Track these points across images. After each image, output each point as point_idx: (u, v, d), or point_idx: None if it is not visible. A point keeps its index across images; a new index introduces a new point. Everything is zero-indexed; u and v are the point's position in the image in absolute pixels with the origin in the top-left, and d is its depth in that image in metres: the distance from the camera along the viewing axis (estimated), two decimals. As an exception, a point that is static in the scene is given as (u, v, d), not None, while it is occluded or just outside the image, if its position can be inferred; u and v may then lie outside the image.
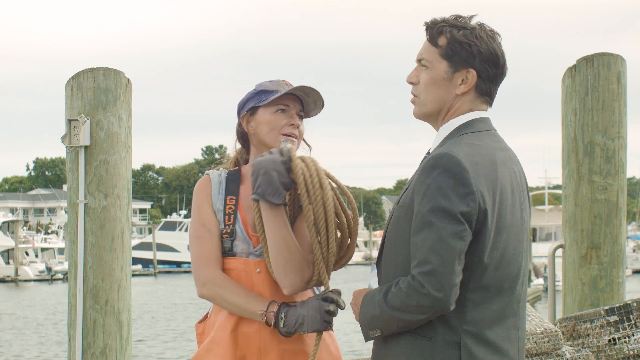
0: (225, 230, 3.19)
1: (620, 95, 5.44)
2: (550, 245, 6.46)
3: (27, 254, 57.17)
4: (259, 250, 3.16)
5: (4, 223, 57.43)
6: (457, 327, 2.59)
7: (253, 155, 3.29)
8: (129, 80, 5.21)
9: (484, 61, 2.70)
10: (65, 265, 50.99)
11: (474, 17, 2.73)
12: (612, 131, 5.41)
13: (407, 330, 2.62)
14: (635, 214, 76.81)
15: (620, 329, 4.47)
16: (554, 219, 53.55)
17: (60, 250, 59.00)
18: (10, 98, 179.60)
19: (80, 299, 5.07)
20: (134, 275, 48.80)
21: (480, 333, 2.60)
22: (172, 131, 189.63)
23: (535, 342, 4.22)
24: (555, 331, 4.27)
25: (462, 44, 2.68)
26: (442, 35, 2.71)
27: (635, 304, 4.48)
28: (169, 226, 67.99)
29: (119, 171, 5.13)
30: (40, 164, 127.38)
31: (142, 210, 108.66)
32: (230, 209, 3.21)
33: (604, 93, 5.41)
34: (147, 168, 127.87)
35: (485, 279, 2.60)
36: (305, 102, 3.25)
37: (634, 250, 59.26)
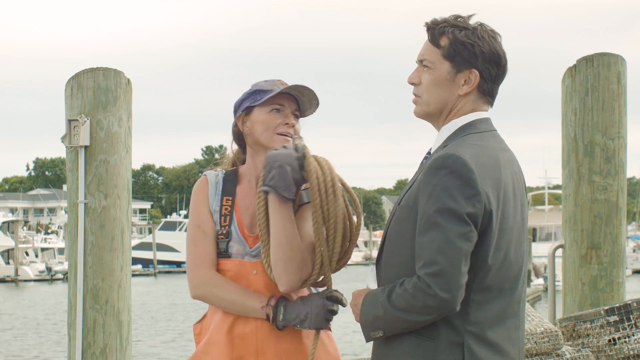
0: (221, 231, 3.18)
1: (620, 95, 5.43)
2: (550, 245, 6.46)
3: (27, 254, 57.14)
4: (255, 250, 3.16)
5: (4, 223, 57.41)
6: (460, 328, 2.59)
7: (250, 155, 3.27)
8: (129, 80, 5.20)
9: (486, 61, 2.69)
10: (65, 265, 50.96)
11: (473, 17, 2.73)
12: (612, 131, 5.40)
13: (410, 331, 2.62)
14: (635, 214, 76.80)
15: (620, 329, 4.47)
16: (554, 219, 53.50)
17: (60, 250, 58.95)
18: (10, 98, 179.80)
19: (80, 299, 5.06)
20: (134, 275, 48.75)
21: (482, 334, 2.60)
22: (172, 131, 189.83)
23: (535, 342, 4.21)
24: (555, 331, 4.27)
25: (465, 45, 2.68)
26: (444, 36, 2.70)
27: (635, 304, 4.48)
28: (169, 226, 67.96)
29: (119, 171, 5.13)
30: (40, 164, 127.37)
31: (142, 210, 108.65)
32: (226, 209, 3.20)
33: (604, 93, 5.41)
34: (147, 168, 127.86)
35: (488, 279, 2.60)
36: (301, 101, 3.24)
37: (634, 250, 59.23)
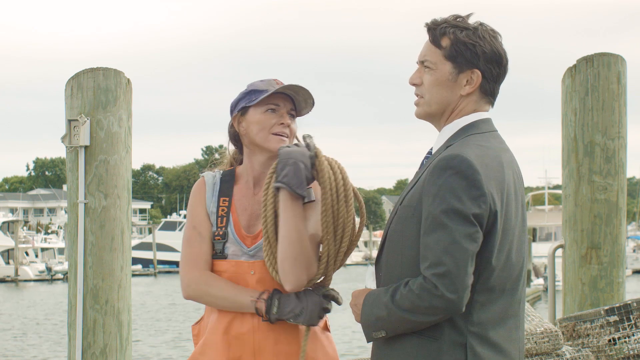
0: (217, 232, 3.18)
1: (620, 95, 5.43)
2: (550, 245, 6.46)
3: (27, 254, 57.13)
4: (253, 250, 3.15)
5: (4, 223, 57.41)
6: (463, 328, 2.59)
7: (246, 156, 3.26)
8: (129, 80, 5.20)
9: (488, 61, 2.69)
10: (65, 265, 50.97)
11: (471, 16, 2.73)
12: (612, 131, 5.40)
13: (413, 331, 2.61)
14: (635, 214, 76.79)
15: (620, 329, 4.47)
16: (554, 219, 53.48)
17: (60, 250, 58.95)
18: (10, 98, 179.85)
19: (80, 299, 5.07)
20: (134, 275, 48.78)
21: (485, 334, 2.60)
22: (172, 131, 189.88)
23: (535, 342, 4.21)
24: (555, 331, 4.27)
25: (467, 45, 2.67)
26: (445, 37, 2.70)
27: (635, 304, 4.48)
28: (169, 226, 67.95)
29: (119, 171, 5.13)
30: (40, 164, 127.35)
31: (142, 210, 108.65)
32: (223, 210, 3.20)
33: (604, 93, 5.41)
34: (147, 168, 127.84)
35: (492, 280, 2.60)
36: (297, 101, 3.23)
37: (634, 250, 59.22)
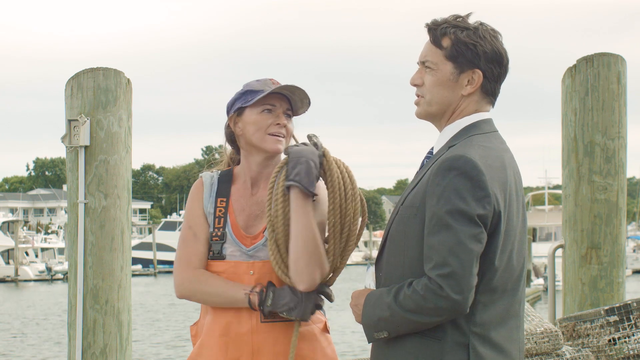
0: (215, 233, 3.17)
1: (620, 95, 5.44)
2: (550, 245, 6.46)
3: (27, 254, 57.13)
4: (252, 250, 3.15)
5: (4, 223, 57.42)
6: (466, 329, 2.59)
7: (244, 156, 3.26)
8: (129, 80, 5.21)
9: (488, 61, 2.69)
10: (65, 265, 50.98)
11: (471, 15, 2.73)
12: (612, 131, 5.40)
13: (415, 332, 2.61)
14: (635, 214, 76.78)
15: (620, 329, 4.47)
16: (554, 219, 53.46)
17: (60, 250, 58.95)
18: (10, 98, 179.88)
19: (80, 299, 5.07)
20: (134, 275, 48.80)
21: (487, 334, 2.61)
22: (172, 131, 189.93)
23: (535, 342, 4.21)
24: (555, 331, 4.27)
25: (467, 45, 2.67)
26: (446, 37, 2.69)
27: (635, 304, 4.48)
28: (169, 226, 67.92)
29: (119, 171, 5.13)
30: (40, 164, 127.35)
31: (142, 210, 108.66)
32: (220, 211, 3.19)
33: (604, 93, 5.41)
34: (147, 168, 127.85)
35: (494, 281, 2.61)
36: (293, 101, 3.22)
37: (634, 250, 59.20)
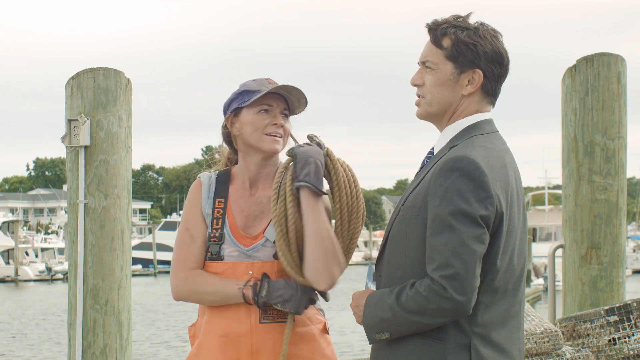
0: (213, 234, 3.16)
1: (620, 95, 5.44)
2: (550, 245, 6.46)
3: (27, 254, 57.12)
4: (251, 250, 3.14)
5: (4, 223, 57.40)
6: (467, 329, 2.59)
7: (241, 157, 3.25)
8: (129, 80, 5.21)
9: (489, 61, 2.69)
10: (65, 265, 50.97)
11: (471, 15, 2.73)
12: (612, 131, 5.40)
13: (417, 333, 2.61)
14: (635, 214, 76.77)
15: (620, 329, 4.47)
16: (554, 219, 53.45)
17: (60, 250, 58.94)
18: (10, 98, 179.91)
19: (80, 299, 5.07)
20: (134, 275, 48.79)
21: (488, 335, 2.61)
22: (172, 131, 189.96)
23: (535, 342, 4.21)
24: (555, 331, 4.27)
25: (468, 45, 2.67)
26: (446, 37, 2.69)
27: (635, 304, 4.48)
28: (169, 226, 67.85)
29: (119, 171, 5.13)
30: (40, 164, 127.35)
31: (142, 210, 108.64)
32: (218, 212, 3.19)
33: (604, 93, 5.41)
34: (147, 168, 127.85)
35: (496, 282, 2.61)
36: (290, 100, 3.22)
37: (634, 250, 59.18)
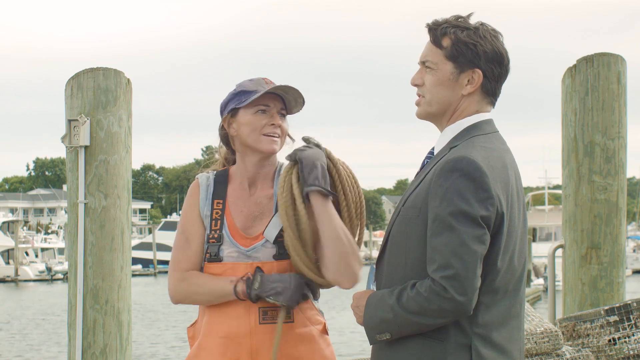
0: (212, 235, 3.16)
1: (620, 95, 5.43)
2: (550, 245, 6.46)
3: (27, 254, 57.14)
4: (250, 251, 3.14)
5: (4, 223, 57.42)
6: (468, 330, 2.59)
7: (239, 157, 3.25)
8: (129, 80, 5.20)
9: (489, 61, 2.69)
10: (65, 265, 50.97)
11: (472, 15, 2.73)
12: (612, 131, 5.40)
13: (417, 333, 2.61)
14: (635, 214, 76.77)
15: (620, 329, 4.47)
16: (554, 219, 53.45)
17: (60, 250, 58.96)
18: (10, 98, 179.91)
19: (80, 299, 5.07)
20: (134, 275, 48.78)
21: (489, 335, 2.61)
22: (172, 131, 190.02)
23: (535, 342, 4.21)
24: (555, 331, 4.27)
25: (467, 45, 2.67)
26: (446, 37, 2.70)
27: (635, 304, 4.48)
28: (169, 226, 67.84)
29: (119, 171, 5.13)
30: (40, 164, 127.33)
31: (142, 210, 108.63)
32: (217, 213, 3.19)
33: (604, 93, 5.41)
34: (147, 168, 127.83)
35: (497, 282, 2.61)
36: (287, 100, 3.22)
37: (634, 250, 59.19)
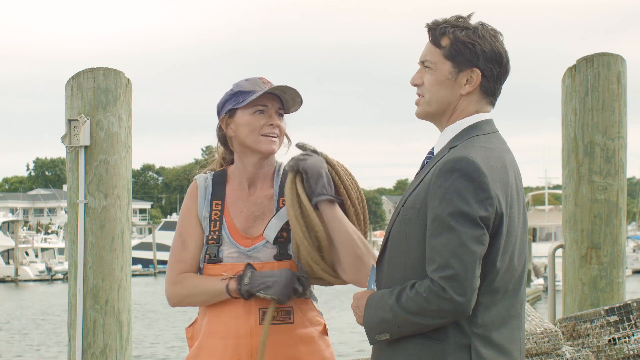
0: (211, 237, 3.16)
1: (620, 95, 5.44)
2: (550, 245, 6.46)
3: (27, 254, 57.14)
4: (251, 251, 3.14)
5: (4, 223, 57.43)
6: (467, 330, 2.58)
7: (238, 157, 3.25)
8: (129, 80, 5.20)
9: (487, 60, 2.69)
10: (65, 265, 50.95)
11: (473, 16, 2.73)
12: (612, 131, 5.40)
13: (417, 334, 2.61)
14: (635, 214, 76.76)
15: (620, 329, 4.47)
16: (554, 219, 53.44)
17: (60, 250, 58.94)
18: (10, 98, 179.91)
19: (80, 299, 5.07)
20: (134, 275, 48.76)
21: (488, 335, 2.60)
22: (172, 131, 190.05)
23: (535, 342, 4.21)
24: (555, 331, 4.27)
25: (466, 44, 2.67)
26: (445, 36, 2.70)
27: (635, 304, 4.48)
28: (169, 226, 67.79)
29: (119, 171, 5.13)
30: (40, 164, 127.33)
31: (142, 210, 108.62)
32: (216, 214, 3.19)
33: (604, 93, 5.41)
34: (147, 168, 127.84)
35: (496, 282, 2.60)
36: (284, 100, 3.22)
37: (634, 250, 59.16)
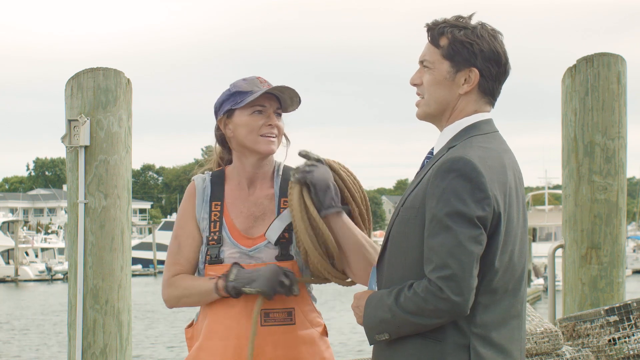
0: (211, 237, 3.16)
1: (620, 95, 5.44)
2: (550, 245, 6.46)
3: (27, 254, 57.15)
4: (253, 251, 3.14)
5: (4, 223, 57.44)
6: (466, 330, 2.59)
7: (237, 157, 3.25)
8: (129, 80, 5.20)
9: (486, 60, 2.69)
10: (65, 265, 50.95)
11: (474, 16, 2.73)
12: (612, 131, 5.40)
13: (416, 333, 2.61)
14: (635, 214, 76.76)
15: (620, 329, 4.47)
16: (554, 219, 53.44)
17: (60, 250, 58.94)
18: (10, 98, 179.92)
19: (80, 299, 5.07)
20: (134, 275, 48.75)
21: (488, 335, 2.60)
22: (172, 131, 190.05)
23: (535, 342, 4.21)
24: (555, 331, 4.27)
25: (464, 44, 2.68)
26: (444, 36, 2.70)
27: (635, 304, 4.48)
28: (169, 226, 67.67)
29: (119, 171, 5.13)
30: (40, 164, 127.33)
31: (142, 210, 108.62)
32: (215, 215, 3.18)
33: (604, 93, 5.41)
34: (147, 168, 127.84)
35: (495, 282, 2.60)
36: (282, 99, 3.22)
37: (634, 250, 59.15)
